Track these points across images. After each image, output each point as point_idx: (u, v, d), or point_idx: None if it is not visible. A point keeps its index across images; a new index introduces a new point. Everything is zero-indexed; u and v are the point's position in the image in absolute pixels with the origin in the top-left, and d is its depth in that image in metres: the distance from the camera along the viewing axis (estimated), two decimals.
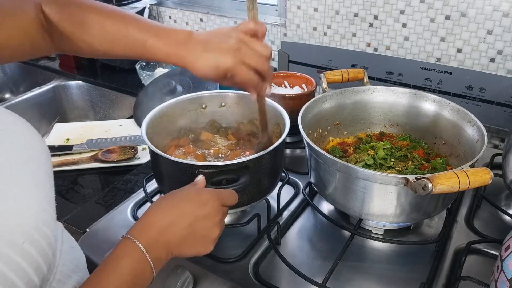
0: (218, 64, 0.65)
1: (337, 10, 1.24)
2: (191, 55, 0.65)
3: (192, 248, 0.61)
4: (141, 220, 0.59)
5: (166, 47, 0.65)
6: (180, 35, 0.66)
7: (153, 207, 0.61)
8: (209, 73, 0.66)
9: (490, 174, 0.64)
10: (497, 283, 0.60)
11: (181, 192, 0.64)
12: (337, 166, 0.75)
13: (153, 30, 0.65)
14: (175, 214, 0.60)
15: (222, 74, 0.66)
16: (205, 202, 0.62)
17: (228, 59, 0.65)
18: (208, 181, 0.71)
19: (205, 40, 0.66)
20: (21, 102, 1.42)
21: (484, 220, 0.89)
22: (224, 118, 0.99)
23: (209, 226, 0.61)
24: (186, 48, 0.65)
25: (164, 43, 0.65)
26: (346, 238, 0.81)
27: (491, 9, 1.03)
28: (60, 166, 1.09)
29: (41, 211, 0.47)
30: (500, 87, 1.06)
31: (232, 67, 0.65)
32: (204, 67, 0.65)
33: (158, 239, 0.57)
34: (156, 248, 0.56)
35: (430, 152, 0.95)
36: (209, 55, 0.65)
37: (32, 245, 0.43)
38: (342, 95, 0.98)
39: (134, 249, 0.55)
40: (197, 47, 0.66)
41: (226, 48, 0.65)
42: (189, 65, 0.65)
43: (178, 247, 0.59)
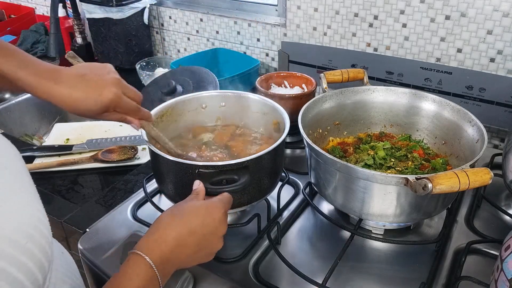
0: (101, 98, 0.66)
1: (337, 10, 1.24)
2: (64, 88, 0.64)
3: (196, 261, 0.63)
4: (152, 234, 0.59)
5: (32, 78, 0.63)
6: (49, 67, 0.65)
7: (164, 221, 0.61)
8: (91, 106, 0.66)
9: (490, 174, 0.64)
10: (497, 283, 0.60)
11: (191, 206, 0.64)
12: (337, 166, 0.75)
13: (24, 62, 0.64)
14: (186, 232, 0.60)
15: (104, 109, 0.67)
16: (214, 218, 0.62)
17: (110, 92, 0.67)
18: (208, 181, 0.71)
19: (81, 74, 0.67)
20: (21, 102, 1.42)
21: (484, 220, 0.89)
22: (224, 118, 0.99)
23: (216, 241, 0.63)
24: (58, 80, 0.64)
25: (31, 73, 0.63)
26: (346, 238, 0.81)
27: (491, 9, 1.03)
28: (60, 166, 1.09)
29: (36, 211, 0.48)
30: (500, 87, 1.06)
31: (115, 100, 0.68)
32: (85, 100, 0.65)
33: (168, 257, 0.57)
34: (166, 265, 0.57)
35: (430, 152, 0.95)
36: (91, 87, 0.66)
37: (34, 244, 0.44)
38: (342, 95, 0.98)
39: (145, 267, 0.55)
40: (73, 80, 0.65)
41: (106, 81, 0.67)
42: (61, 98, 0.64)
43: (184, 263, 0.61)
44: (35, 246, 0.44)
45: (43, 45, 1.84)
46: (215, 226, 0.62)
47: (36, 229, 0.46)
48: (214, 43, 1.58)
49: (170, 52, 1.74)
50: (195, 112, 0.97)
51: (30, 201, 0.49)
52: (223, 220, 0.64)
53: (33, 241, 0.44)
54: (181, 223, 0.60)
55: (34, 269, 0.44)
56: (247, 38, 1.48)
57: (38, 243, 0.45)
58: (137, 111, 0.74)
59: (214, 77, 1.20)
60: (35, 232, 0.45)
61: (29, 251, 0.43)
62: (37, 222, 0.47)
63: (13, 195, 0.47)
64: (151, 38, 1.71)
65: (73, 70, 0.67)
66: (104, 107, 0.67)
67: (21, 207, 0.46)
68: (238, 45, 1.52)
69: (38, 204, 0.50)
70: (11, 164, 0.51)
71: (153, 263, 0.55)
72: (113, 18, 1.55)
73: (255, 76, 1.28)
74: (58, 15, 1.74)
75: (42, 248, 0.45)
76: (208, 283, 0.74)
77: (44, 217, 0.49)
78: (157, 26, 1.70)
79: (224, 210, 0.64)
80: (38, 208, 0.49)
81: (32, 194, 0.50)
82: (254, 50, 1.49)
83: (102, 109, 0.67)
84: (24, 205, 0.47)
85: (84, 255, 0.82)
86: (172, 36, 1.68)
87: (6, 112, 1.38)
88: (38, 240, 0.45)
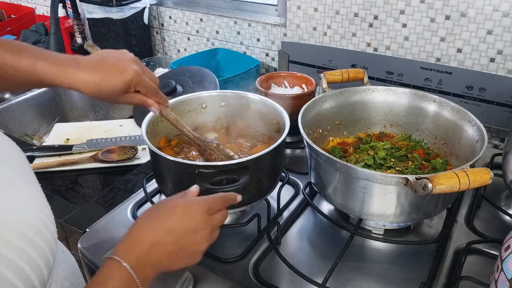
0: (123, 75, 0.67)
1: (337, 10, 1.24)
2: (86, 72, 0.65)
3: (179, 262, 0.58)
4: (127, 238, 0.56)
5: (53, 68, 0.64)
6: (67, 56, 0.67)
7: (139, 223, 0.58)
8: (114, 84, 0.67)
9: (490, 174, 0.64)
10: (497, 283, 0.60)
11: (168, 204, 0.60)
12: (337, 166, 0.75)
13: (42, 55, 0.65)
14: (162, 231, 0.56)
15: (127, 86, 0.68)
16: (193, 215, 0.58)
17: (131, 70, 0.68)
18: (208, 181, 0.71)
19: (100, 58, 0.68)
20: (21, 102, 1.42)
21: (484, 220, 0.89)
22: (224, 118, 0.99)
23: (198, 240, 0.58)
24: (78, 66, 0.66)
25: (51, 64, 0.64)
26: (346, 238, 0.81)
27: (491, 9, 1.03)
28: (60, 166, 1.09)
29: (43, 206, 0.49)
30: (500, 87, 1.06)
31: (137, 77, 0.69)
32: (107, 79, 0.66)
33: (146, 259, 0.54)
34: (145, 268, 0.54)
35: (430, 152, 0.95)
36: (112, 67, 0.67)
37: (41, 238, 0.45)
38: (342, 95, 0.98)
39: (120, 270, 0.52)
40: (94, 64, 0.67)
41: (127, 61, 0.69)
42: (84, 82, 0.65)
43: (166, 264, 0.57)
44: (42, 240, 0.45)
45: (43, 45, 1.84)
46: (195, 224, 0.58)
47: (43, 223, 0.47)
48: (214, 43, 1.58)
49: (170, 52, 1.74)
50: (195, 112, 0.97)
51: (37, 196, 0.50)
52: (204, 218, 0.59)
53: (40, 235, 0.45)
54: (158, 222, 0.57)
55: (40, 263, 0.44)
56: (247, 38, 1.48)
57: (44, 237, 0.46)
58: (156, 92, 0.74)
59: (214, 77, 1.20)
60: (42, 227, 0.46)
61: (36, 244, 0.44)
62: (44, 217, 0.48)
63: (20, 190, 0.48)
64: (151, 38, 1.71)
65: (91, 57, 0.69)
66: (126, 84, 0.68)
67: (29, 201, 0.48)
68: (238, 45, 1.52)
69: (44, 200, 0.51)
70: (17, 161, 0.52)
71: (128, 265, 0.52)
72: (113, 18, 1.55)
73: (255, 76, 1.28)
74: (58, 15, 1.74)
75: (48, 242, 0.46)
76: (208, 283, 0.74)
77: (50, 213, 0.50)
78: (157, 26, 1.70)
79: (207, 208, 0.60)
80: (45, 203, 0.50)
81: (38, 190, 0.52)
82: (254, 50, 1.49)
83: (124, 86, 0.68)
84: (31, 200, 0.48)
85: (84, 255, 0.82)
86: (172, 36, 1.68)
87: (6, 112, 1.38)
88: (45, 235, 0.46)
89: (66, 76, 0.65)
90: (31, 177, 0.53)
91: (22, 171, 0.52)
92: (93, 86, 0.66)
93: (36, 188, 0.51)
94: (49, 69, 0.64)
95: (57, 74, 0.64)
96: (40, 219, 0.47)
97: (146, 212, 0.60)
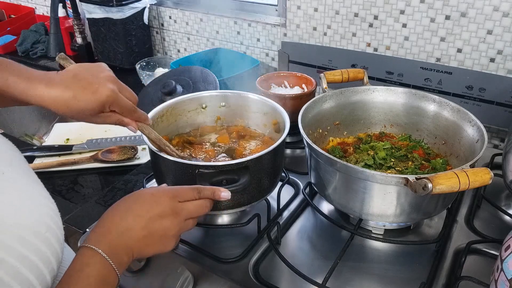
0: (96, 95, 0.64)
1: (337, 10, 1.24)
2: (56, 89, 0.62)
3: (152, 247, 0.60)
4: (97, 227, 0.58)
5: (24, 83, 0.61)
6: (40, 72, 0.64)
7: (109, 212, 0.60)
8: (86, 104, 0.63)
9: (490, 174, 0.64)
10: (497, 283, 0.60)
11: (136, 193, 0.63)
12: (337, 166, 0.75)
13: (17, 71, 0.62)
14: (130, 217, 0.58)
15: (100, 107, 0.65)
16: (158, 200, 0.61)
17: (106, 89, 0.65)
18: (208, 181, 0.71)
19: (73, 74, 0.65)
20: None
21: (484, 220, 0.89)
22: (224, 118, 0.99)
23: (166, 224, 0.60)
24: (49, 83, 0.63)
25: (22, 79, 0.61)
26: (346, 238, 0.81)
27: (491, 9, 1.03)
28: (60, 166, 1.09)
29: (51, 203, 0.51)
30: (500, 87, 1.06)
31: (112, 97, 0.65)
32: (78, 98, 0.63)
33: (117, 244, 0.56)
34: (117, 252, 0.56)
35: (430, 152, 0.95)
36: (85, 85, 0.63)
37: (51, 234, 0.47)
38: (342, 95, 0.98)
39: (95, 256, 0.54)
40: (66, 81, 0.63)
41: (102, 78, 0.65)
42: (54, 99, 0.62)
43: (138, 249, 0.58)
44: (52, 236, 0.47)
45: (43, 45, 1.84)
46: (161, 209, 0.60)
47: (52, 220, 0.49)
48: (214, 43, 1.58)
49: (170, 52, 1.74)
50: (195, 112, 0.97)
51: (43, 194, 0.52)
52: (170, 204, 0.61)
53: (51, 231, 0.47)
54: (126, 210, 0.60)
55: (52, 259, 0.46)
56: (247, 38, 1.48)
57: (54, 233, 0.48)
58: (133, 111, 0.71)
59: (214, 77, 1.20)
60: (52, 223, 0.48)
61: (48, 240, 0.46)
62: (53, 213, 0.50)
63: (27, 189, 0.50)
64: (151, 38, 1.71)
65: (65, 72, 0.65)
66: (100, 104, 0.64)
67: (38, 200, 0.50)
68: (238, 45, 1.52)
69: (50, 197, 0.52)
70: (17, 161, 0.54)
71: (101, 251, 0.54)
72: (113, 18, 1.55)
73: (255, 76, 1.28)
74: (58, 15, 1.74)
75: (58, 238, 0.48)
76: (208, 283, 0.74)
77: (56, 208, 0.52)
78: (157, 26, 1.70)
79: (173, 195, 0.62)
80: (51, 201, 0.52)
81: (42, 188, 0.53)
82: (254, 50, 1.49)
83: (98, 107, 0.65)
84: (39, 198, 0.50)
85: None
86: (172, 36, 1.68)
87: (6, 112, 1.38)
88: (55, 231, 0.48)
89: (35, 92, 0.62)
90: (33, 176, 0.54)
91: (25, 171, 0.53)
92: (62, 105, 0.63)
93: (41, 187, 0.53)
94: (21, 84, 0.61)
95: (28, 89, 0.61)
96: (50, 216, 0.48)
97: (117, 202, 0.62)
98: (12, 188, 0.47)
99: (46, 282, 0.45)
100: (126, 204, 0.61)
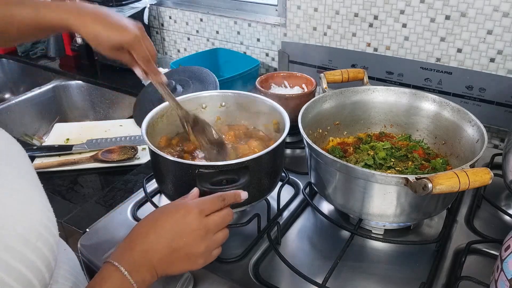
0: (122, 35, 0.70)
1: (337, 10, 1.24)
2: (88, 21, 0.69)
3: (177, 266, 0.59)
4: (123, 242, 0.58)
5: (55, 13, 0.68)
6: (69, 3, 0.70)
7: (135, 228, 0.60)
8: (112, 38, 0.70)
9: (490, 174, 0.64)
10: (497, 283, 0.60)
11: (160, 210, 0.62)
12: (337, 166, 0.75)
13: (43, 3, 0.69)
14: (154, 235, 0.57)
15: (122, 43, 0.71)
16: (183, 217, 0.59)
17: (131, 32, 0.71)
18: (208, 181, 0.71)
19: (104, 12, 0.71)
20: (21, 102, 1.42)
21: (484, 220, 0.89)
22: (224, 118, 0.99)
23: (191, 242, 0.59)
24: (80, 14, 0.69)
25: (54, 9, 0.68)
26: (346, 238, 0.81)
27: (491, 9, 1.03)
28: (60, 166, 1.09)
29: (46, 210, 0.49)
30: (500, 87, 1.06)
31: (134, 41, 0.72)
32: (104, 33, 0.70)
33: (139, 262, 0.55)
34: (140, 270, 0.55)
35: (430, 152, 0.95)
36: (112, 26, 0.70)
37: (43, 243, 0.45)
38: (342, 95, 0.98)
39: (116, 273, 0.53)
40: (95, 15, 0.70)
41: (133, 24, 0.73)
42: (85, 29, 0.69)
43: (161, 267, 0.57)
44: (44, 245, 0.45)
45: (43, 45, 1.84)
46: (186, 226, 0.59)
47: (46, 228, 0.46)
48: (214, 43, 1.58)
49: (170, 52, 1.74)
50: (195, 112, 0.97)
51: (40, 199, 0.50)
52: (195, 219, 0.59)
53: (43, 240, 0.45)
54: (150, 227, 0.59)
55: (42, 268, 0.44)
56: (247, 38, 1.48)
57: (47, 242, 0.46)
58: (148, 61, 0.76)
59: (214, 77, 1.20)
60: (44, 231, 0.46)
61: (39, 250, 0.44)
62: (47, 220, 0.47)
63: (24, 193, 0.48)
64: (151, 38, 1.70)
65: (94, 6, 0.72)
66: (121, 42, 0.71)
67: (33, 205, 0.47)
68: (238, 45, 1.52)
69: (47, 203, 0.50)
70: (19, 160, 0.52)
71: (123, 268, 0.53)
72: None
73: (255, 76, 1.28)
74: None
75: (50, 247, 0.46)
76: (208, 283, 0.74)
77: (52, 215, 0.50)
78: (157, 26, 1.70)
79: (198, 210, 0.60)
80: (47, 206, 0.50)
81: (40, 192, 0.51)
82: (254, 50, 1.49)
83: (119, 44, 0.71)
84: (35, 204, 0.48)
85: (84, 255, 0.82)
86: (172, 36, 1.68)
87: (6, 112, 1.38)
88: (47, 239, 0.46)
89: (69, 20, 0.68)
90: (34, 178, 0.52)
91: (25, 171, 0.51)
92: (92, 33, 0.70)
93: (39, 190, 0.51)
94: (52, 14, 0.68)
95: (60, 18, 0.68)
96: (44, 224, 0.46)
97: (143, 219, 0.61)
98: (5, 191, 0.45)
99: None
100: (151, 220, 0.60)
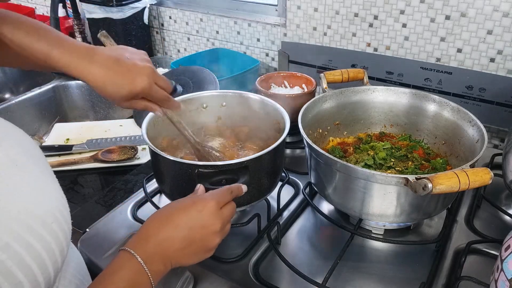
0: (132, 85, 0.67)
1: (337, 10, 1.24)
2: (98, 68, 0.65)
3: (191, 258, 0.60)
4: (139, 232, 0.58)
5: (66, 57, 0.65)
6: (83, 46, 0.67)
7: (151, 219, 0.60)
8: (122, 91, 0.67)
9: (490, 174, 0.64)
10: (497, 283, 0.60)
11: (178, 203, 0.62)
12: (337, 166, 0.75)
13: (59, 42, 0.65)
14: (171, 227, 0.58)
15: (135, 95, 0.68)
16: (200, 210, 0.60)
17: (142, 81, 0.68)
18: (207, 181, 0.71)
19: (116, 57, 0.67)
20: (21, 102, 1.42)
21: (484, 220, 0.89)
22: (224, 118, 0.99)
23: (207, 235, 0.60)
24: (92, 59, 0.66)
25: (65, 52, 0.65)
26: (346, 238, 0.81)
27: (491, 9, 1.03)
28: (60, 166, 1.09)
29: (61, 196, 0.51)
30: (500, 87, 1.06)
31: (148, 87, 0.69)
32: (116, 84, 0.66)
33: (154, 252, 0.56)
34: (154, 260, 0.55)
35: (430, 152, 0.95)
36: (124, 72, 0.66)
37: (58, 227, 0.46)
38: (342, 95, 0.98)
39: (131, 261, 0.54)
40: (107, 61, 0.66)
41: (141, 68, 0.68)
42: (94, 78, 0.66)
43: (176, 259, 0.58)
44: (59, 229, 0.46)
45: None
46: (203, 219, 0.59)
47: (61, 213, 0.48)
48: (214, 43, 1.58)
49: (170, 52, 1.74)
50: (195, 112, 0.97)
51: (54, 186, 0.51)
52: (213, 212, 0.60)
53: (58, 223, 0.46)
54: (166, 219, 0.59)
55: (56, 251, 0.45)
56: (247, 38, 1.48)
57: (61, 226, 0.47)
58: (166, 100, 0.75)
59: (214, 77, 1.20)
60: (60, 216, 0.47)
61: (54, 232, 0.45)
62: (62, 207, 0.49)
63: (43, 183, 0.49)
64: (151, 38, 1.71)
65: (107, 51, 0.68)
66: (134, 94, 0.68)
67: (51, 193, 0.49)
68: (238, 45, 1.52)
69: (60, 190, 0.52)
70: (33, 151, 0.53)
71: (138, 256, 0.54)
72: (113, 18, 1.55)
73: (255, 76, 1.28)
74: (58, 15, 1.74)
75: (64, 232, 0.47)
76: (208, 283, 0.74)
77: (66, 203, 0.51)
78: (157, 26, 1.70)
79: (215, 202, 0.61)
80: (62, 194, 0.51)
81: (56, 183, 0.53)
82: (254, 50, 1.49)
83: (131, 95, 0.68)
84: (52, 192, 0.50)
85: (84, 255, 0.82)
86: (172, 36, 1.68)
87: (6, 112, 1.38)
88: (62, 224, 0.47)
89: (77, 68, 0.65)
90: (50, 172, 0.54)
91: (43, 165, 0.53)
92: (101, 85, 0.66)
93: (55, 182, 0.53)
94: (63, 58, 0.65)
95: (69, 64, 0.65)
96: (59, 208, 0.48)
97: (158, 210, 0.62)
98: (25, 177, 0.47)
99: (48, 273, 0.44)
100: (168, 212, 0.60)
